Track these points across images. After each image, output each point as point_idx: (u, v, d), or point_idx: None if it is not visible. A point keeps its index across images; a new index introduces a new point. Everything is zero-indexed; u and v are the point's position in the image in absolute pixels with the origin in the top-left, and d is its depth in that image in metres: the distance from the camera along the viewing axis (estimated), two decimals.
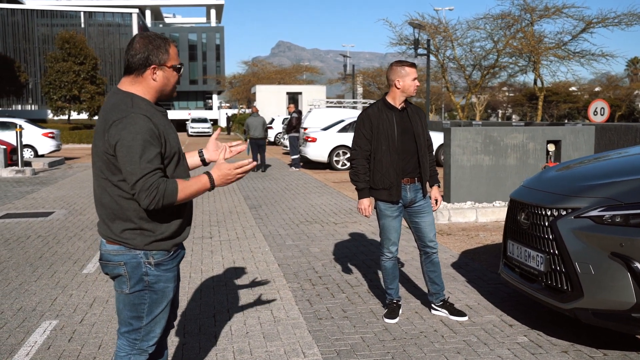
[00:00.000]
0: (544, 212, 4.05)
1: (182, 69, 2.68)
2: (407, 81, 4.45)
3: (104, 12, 79.48)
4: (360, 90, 45.89)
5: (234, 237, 7.78)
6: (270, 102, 35.90)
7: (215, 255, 6.77)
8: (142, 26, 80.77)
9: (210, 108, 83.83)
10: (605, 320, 3.73)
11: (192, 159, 3.01)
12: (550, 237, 3.97)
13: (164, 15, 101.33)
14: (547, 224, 4.01)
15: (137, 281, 2.58)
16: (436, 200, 4.72)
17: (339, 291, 5.36)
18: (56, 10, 78.36)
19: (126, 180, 2.45)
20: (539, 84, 28.06)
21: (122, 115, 2.45)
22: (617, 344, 4.04)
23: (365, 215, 4.57)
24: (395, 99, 4.50)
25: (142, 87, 2.57)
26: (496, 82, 46.33)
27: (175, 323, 4.50)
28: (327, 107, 30.39)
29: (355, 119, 17.25)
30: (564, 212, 3.92)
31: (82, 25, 76.72)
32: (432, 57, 27.27)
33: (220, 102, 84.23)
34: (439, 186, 4.79)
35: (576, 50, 26.98)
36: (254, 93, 38.71)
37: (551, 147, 9.34)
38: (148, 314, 2.62)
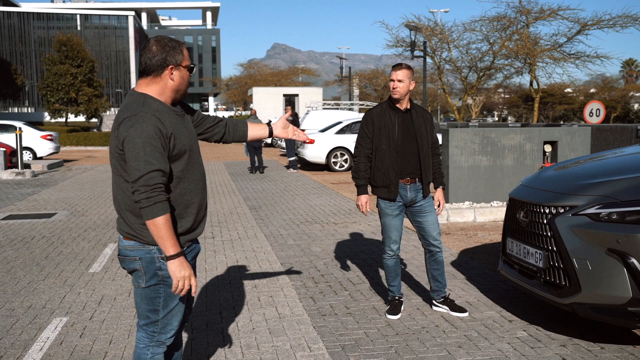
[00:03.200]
0: (542, 210, 4.18)
1: (194, 69, 2.81)
2: (389, 81, 4.61)
3: (100, 15, 79.50)
4: (356, 92, 46.10)
5: (235, 237, 7.88)
6: (267, 104, 36.03)
7: (218, 254, 6.88)
8: (138, 28, 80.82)
9: (207, 110, 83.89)
10: (603, 315, 3.85)
11: (260, 130, 3.25)
12: (549, 234, 4.09)
13: (160, 17, 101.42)
14: (545, 221, 4.13)
15: (152, 275, 2.67)
16: (439, 203, 4.82)
17: (342, 289, 5.47)
18: (52, 13, 78.34)
19: (129, 175, 2.52)
20: (534, 85, 28.25)
21: (131, 113, 2.56)
22: (614, 337, 4.17)
23: (363, 212, 4.69)
24: (395, 100, 4.62)
25: (159, 87, 2.68)
26: (492, 83, 46.58)
27: (191, 317, 4.62)
28: (324, 108, 30.52)
29: (353, 120, 17.42)
30: (562, 210, 4.04)
31: (79, 28, 76.72)
32: (428, 59, 27.51)
33: (217, 105, 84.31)
34: (443, 188, 4.89)
35: (571, 52, 27.20)
36: (251, 95, 38.85)
37: (548, 148, 9.48)
38: (164, 307, 2.71)
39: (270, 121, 3.31)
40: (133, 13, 78.59)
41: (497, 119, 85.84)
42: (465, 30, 27.41)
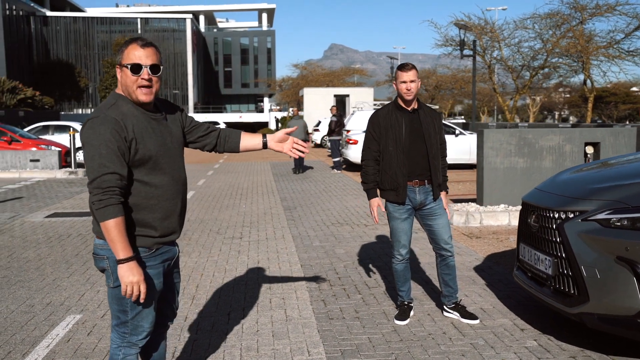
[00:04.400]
0: (551, 215, 4.01)
1: (140, 69, 2.59)
2: (398, 83, 4.48)
3: (159, 18, 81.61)
4: None
5: (263, 238, 7.92)
6: (318, 105, 36.07)
7: (241, 255, 6.92)
8: (196, 31, 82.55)
9: (262, 111, 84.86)
10: (611, 326, 3.66)
11: (253, 142, 3.15)
12: (558, 240, 3.92)
13: (218, 20, 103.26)
14: (554, 226, 3.96)
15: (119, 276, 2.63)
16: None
17: (356, 292, 5.40)
18: (115, 17, 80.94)
19: (88, 177, 2.54)
20: (588, 84, 27.25)
21: (95, 115, 2.57)
22: (630, 350, 3.95)
23: (374, 217, 4.61)
24: (401, 101, 4.53)
25: (122, 87, 2.68)
26: (551, 83, 45.23)
27: (180, 320, 4.66)
28: (374, 109, 30.35)
29: None
30: (572, 215, 3.87)
31: (139, 31, 78.95)
32: (478, 58, 26.89)
33: (271, 105, 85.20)
34: (447, 192, 4.73)
35: (630, 48, 26.11)
36: (302, 96, 38.98)
37: (590, 150, 9.11)
38: (132, 308, 2.69)
39: (265, 134, 3.20)
40: (191, 16, 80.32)
41: (554, 120, 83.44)
42: (516, 28, 26.69)
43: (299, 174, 16.99)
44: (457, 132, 17.43)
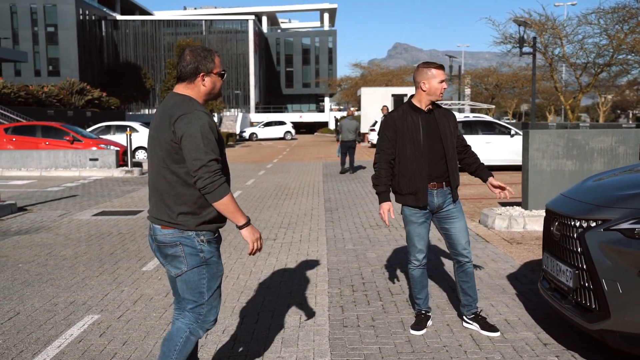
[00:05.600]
0: (573, 223, 3.74)
1: (225, 75, 3.12)
2: (433, 83, 4.28)
3: (223, 20, 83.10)
4: (467, 91, 44.57)
5: (297, 240, 7.84)
6: (375, 105, 35.75)
7: (270, 257, 6.86)
8: (258, 32, 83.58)
9: (322, 111, 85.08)
10: (633, 345, 3.38)
11: None
12: (579, 250, 3.65)
13: (280, 20, 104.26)
14: (575, 236, 3.69)
15: (194, 258, 2.96)
16: (501, 187, 4.47)
17: (377, 299, 5.24)
18: (181, 20, 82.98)
19: (189, 167, 2.83)
20: None
21: (187, 111, 2.88)
22: None
23: (384, 221, 4.43)
24: (421, 102, 4.34)
25: (194, 91, 3.02)
26: (623, 80, 43.21)
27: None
28: None
29: None
30: (594, 224, 3.59)
31: (204, 33, 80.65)
32: (538, 56, 25.91)
33: (331, 105, 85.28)
34: (492, 176, 4.57)
35: None
36: (360, 95, 38.78)
37: None
38: (208, 288, 2.99)
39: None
40: (253, 17, 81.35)
41: (629, 120, 79.91)
42: (579, 23, 25.55)
43: (351, 174, 16.85)
44: (512, 132, 16.86)
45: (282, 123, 51.70)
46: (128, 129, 20.92)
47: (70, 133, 19.72)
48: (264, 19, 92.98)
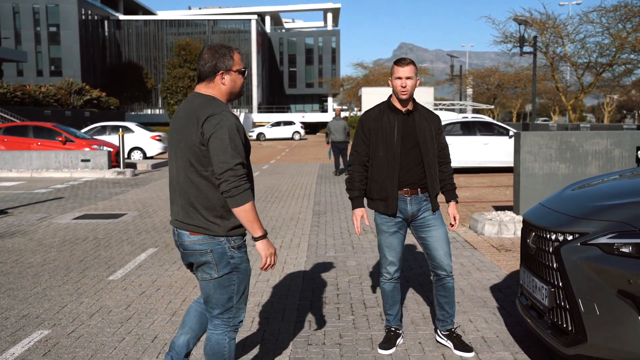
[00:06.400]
0: (549, 236, 3.41)
1: (246, 72, 3.02)
2: (393, 80, 3.96)
3: (227, 20, 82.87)
4: (469, 91, 44.10)
5: (277, 246, 7.53)
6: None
7: None
8: (261, 32, 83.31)
9: (326, 111, 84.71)
10: None
11: None
12: (555, 266, 3.33)
13: (284, 20, 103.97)
14: (551, 250, 3.37)
15: (225, 265, 2.90)
16: (455, 218, 4.15)
17: (349, 312, 4.92)
18: (184, 20, 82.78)
19: (215, 170, 2.76)
20: None
21: (214, 112, 2.80)
22: None
23: (356, 230, 4.11)
24: (396, 101, 4.02)
25: (215, 91, 2.93)
26: (629, 80, 42.69)
27: (148, 341, 4.31)
28: (434, 109, 29.49)
29: (446, 122, 16.50)
30: (570, 237, 3.27)
31: (207, 33, 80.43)
32: (539, 55, 25.46)
33: (334, 105, 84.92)
34: (457, 202, 4.20)
35: None
36: (361, 95, 38.46)
37: None
38: (237, 293, 2.96)
39: None
40: (255, 17, 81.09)
41: (635, 120, 79.36)
42: (581, 22, 25.08)
43: (340, 176, 16.54)
44: (510, 133, 16.51)
45: (290, 123, 51.00)
46: (120, 129, 20.63)
47: (62, 133, 19.45)
48: (268, 19, 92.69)
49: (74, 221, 9.67)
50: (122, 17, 79.98)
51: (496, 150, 16.22)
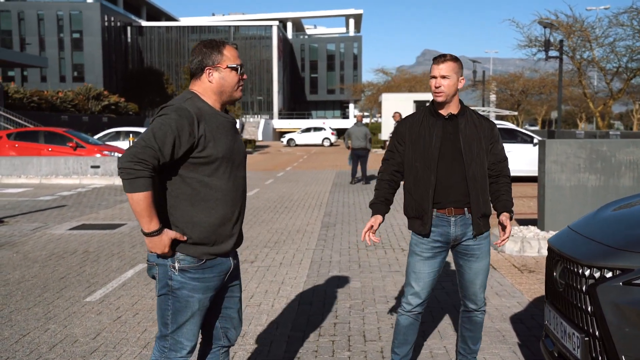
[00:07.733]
0: (581, 271, 2.74)
1: (241, 69, 2.69)
2: (431, 79, 3.36)
3: (248, 26, 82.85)
4: (492, 97, 43.07)
5: (277, 263, 6.91)
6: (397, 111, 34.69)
7: None
8: (282, 38, 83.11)
9: (347, 117, 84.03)
10: None
11: None
12: (589, 309, 2.66)
13: (305, 26, 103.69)
14: (584, 288, 2.69)
15: (163, 285, 2.64)
16: (504, 227, 3.42)
17: (345, 347, 4.27)
18: (206, 26, 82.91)
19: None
20: None
21: (169, 104, 2.58)
22: None
23: (362, 237, 3.46)
24: (437, 104, 3.39)
25: (201, 88, 2.67)
26: None
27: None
28: None
29: None
30: (609, 274, 2.59)
31: (228, 39, 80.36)
32: (566, 59, 24.52)
33: (355, 111, 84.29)
34: (511, 217, 3.47)
35: None
36: (381, 102, 37.76)
37: None
38: (172, 321, 2.62)
39: None
40: (277, 23, 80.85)
41: None
42: (610, 25, 24.07)
43: (355, 185, 15.89)
44: (535, 140, 15.71)
45: (320, 129, 50.69)
46: (131, 135, 20.24)
47: (73, 139, 19.11)
48: (289, 25, 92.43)
49: (68, 232, 9.16)
50: (144, 23, 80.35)
51: (519, 158, 15.42)
